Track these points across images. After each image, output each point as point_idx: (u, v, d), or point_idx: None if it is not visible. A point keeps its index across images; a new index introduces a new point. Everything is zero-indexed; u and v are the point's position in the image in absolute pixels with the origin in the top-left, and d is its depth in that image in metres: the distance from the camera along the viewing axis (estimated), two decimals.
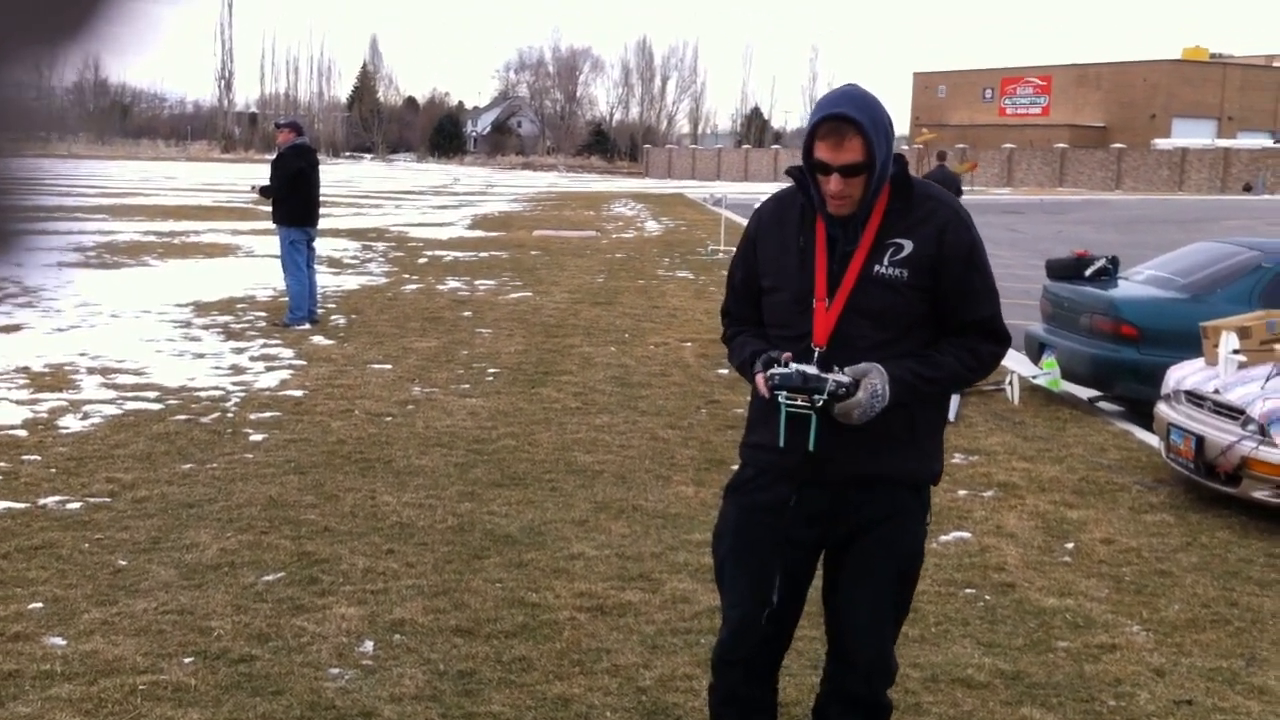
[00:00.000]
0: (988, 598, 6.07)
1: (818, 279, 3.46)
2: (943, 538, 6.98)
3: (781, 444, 3.47)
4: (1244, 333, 8.14)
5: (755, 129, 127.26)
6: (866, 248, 3.45)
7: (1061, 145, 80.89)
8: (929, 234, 3.48)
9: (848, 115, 3.28)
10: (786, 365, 3.39)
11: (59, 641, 5.11)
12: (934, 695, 4.96)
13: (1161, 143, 79.66)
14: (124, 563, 6.18)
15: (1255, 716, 4.85)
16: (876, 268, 3.45)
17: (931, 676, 5.13)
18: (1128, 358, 10.26)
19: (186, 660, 5.08)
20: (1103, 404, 11.13)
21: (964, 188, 27.97)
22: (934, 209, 3.52)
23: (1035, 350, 11.53)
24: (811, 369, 3.37)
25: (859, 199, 3.40)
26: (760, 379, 3.43)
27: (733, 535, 3.69)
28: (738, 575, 3.70)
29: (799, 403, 3.38)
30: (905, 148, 43.27)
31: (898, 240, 3.46)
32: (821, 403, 3.36)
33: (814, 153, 3.33)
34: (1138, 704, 4.94)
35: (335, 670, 5.04)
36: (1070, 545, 6.95)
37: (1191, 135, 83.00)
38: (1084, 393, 11.20)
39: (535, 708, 4.74)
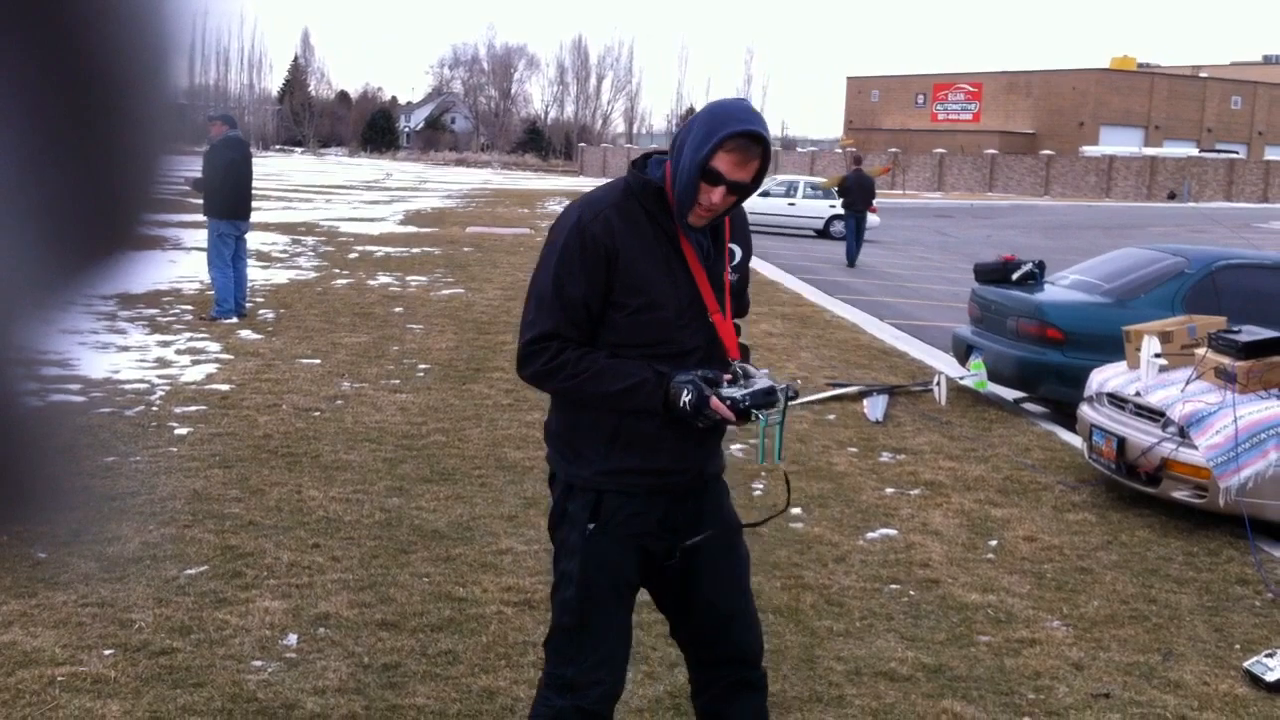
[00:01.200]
0: (912, 593, 6.13)
1: (703, 291, 3.39)
2: (869, 535, 7.04)
3: (779, 459, 3.48)
4: (1166, 337, 8.28)
5: None
6: (725, 256, 3.49)
7: (992, 151, 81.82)
8: (745, 237, 3.60)
9: (760, 134, 3.24)
10: (726, 385, 3.36)
11: None
12: (857, 688, 5.01)
13: (1089, 150, 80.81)
14: (44, 555, 6.08)
15: (1171, 709, 4.94)
16: (730, 276, 3.50)
17: (855, 669, 5.18)
18: (1053, 360, 10.41)
19: (106, 652, 5.01)
20: (1028, 405, 11.27)
21: (878, 190, 28.47)
22: (740, 213, 3.57)
23: (963, 352, 11.66)
24: (765, 382, 3.37)
25: (722, 213, 3.39)
26: (720, 405, 3.29)
27: (598, 584, 3.44)
28: (607, 628, 3.49)
29: (774, 416, 3.38)
30: (836, 150, 43.55)
31: (732, 247, 3.53)
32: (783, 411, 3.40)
33: (711, 162, 3.24)
34: (1056, 697, 5.01)
35: (258, 663, 5.00)
36: (994, 542, 7.04)
37: (1119, 143, 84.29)
38: (1010, 394, 11.35)
39: (460, 700, 4.73)
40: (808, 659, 5.27)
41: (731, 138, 3.22)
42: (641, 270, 3.33)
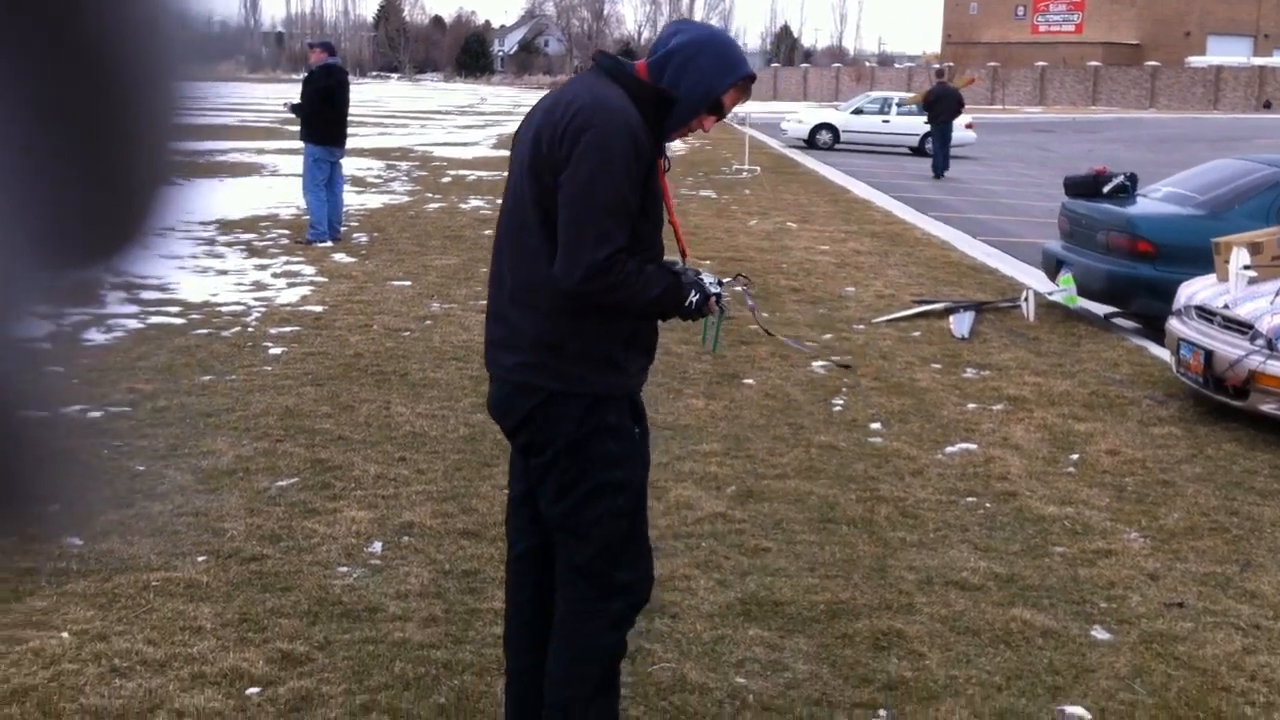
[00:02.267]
0: (988, 505, 6.15)
1: (667, 200, 3.56)
2: (948, 449, 7.05)
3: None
4: (1255, 248, 8.13)
5: (784, 48, 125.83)
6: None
7: (1095, 63, 79.76)
8: None
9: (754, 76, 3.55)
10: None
11: (75, 541, 5.25)
12: (927, 596, 5.06)
13: (1196, 60, 78.45)
14: (142, 468, 6.32)
15: (1245, 619, 4.93)
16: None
17: (926, 579, 5.23)
18: (1144, 274, 10.25)
19: (200, 559, 5.22)
20: (1119, 321, 11.13)
21: (971, 104, 28.51)
22: None
23: (1052, 267, 11.51)
24: (711, 277, 3.61)
25: None
26: (713, 304, 3.55)
27: (643, 483, 3.61)
28: (646, 524, 3.67)
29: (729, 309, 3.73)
30: (934, 66, 42.71)
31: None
32: None
33: (723, 96, 3.44)
34: (1129, 606, 5.02)
35: (344, 569, 5.18)
36: (1075, 456, 7.01)
37: (1227, 53, 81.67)
38: (1100, 309, 11.20)
39: None
40: (879, 568, 5.33)
41: (744, 80, 3.46)
42: (654, 180, 3.45)
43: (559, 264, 3.33)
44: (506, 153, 25.88)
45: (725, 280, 3.74)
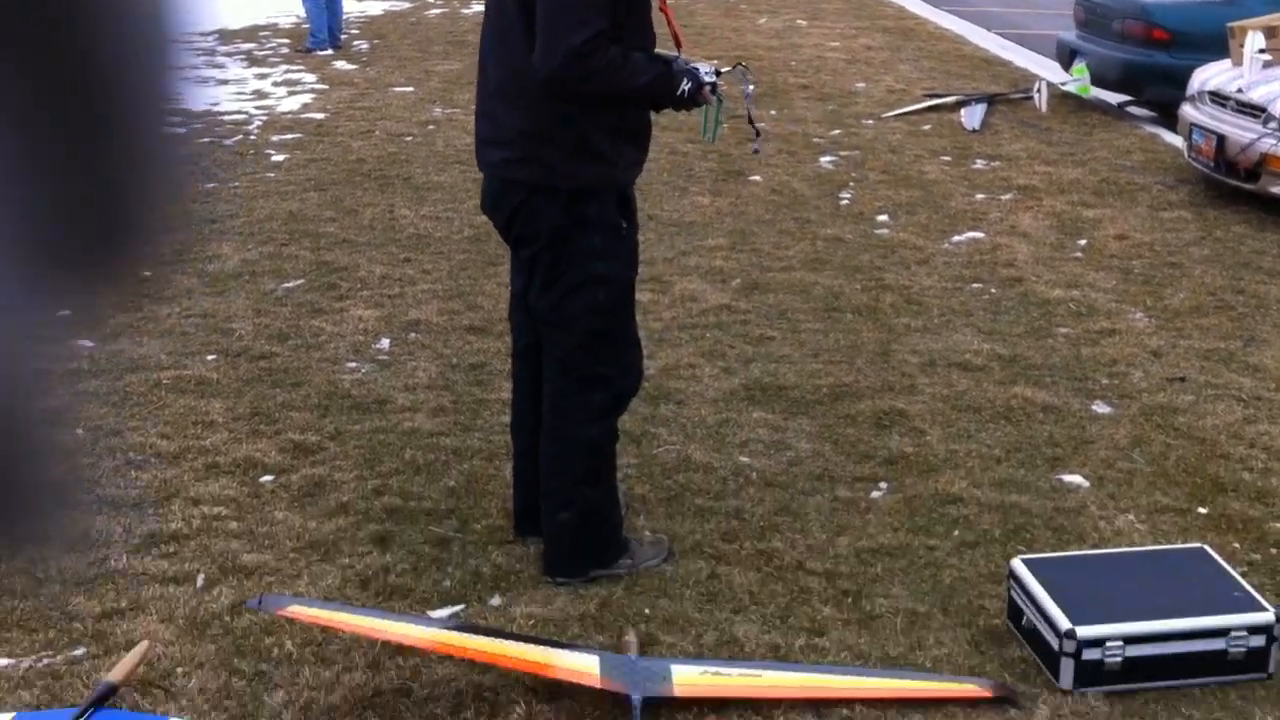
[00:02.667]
0: (993, 291, 6.15)
1: None
2: (955, 238, 7.02)
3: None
4: (1270, 32, 7.93)
5: None
6: None
7: None
8: None
9: None
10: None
11: (86, 343, 5.30)
12: (929, 377, 5.10)
13: None
14: (148, 273, 6.32)
15: (1246, 391, 4.97)
16: None
17: (929, 361, 5.26)
18: (1159, 62, 10.03)
19: (209, 358, 5.28)
20: (1132, 109, 10.95)
21: None
22: None
23: (1066, 57, 11.27)
24: (708, 65, 3.55)
25: None
26: (708, 93, 3.49)
27: (629, 280, 3.65)
28: (632, 316, 3.71)
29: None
30: None
31: None
32: None
33: None
34: (1131, 382, 5.06)
35: (352, 364, 5.23)
36: (1083, 242, 6.98)
37: None
38: (1114, 98, 11.01)
39: None
40: (883, 353, 5.36)
41: None
42: None
43: (538, 53, 3.29)
44: None
45: (724, 70, 3.67)
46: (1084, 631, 3.10)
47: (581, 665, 3.11)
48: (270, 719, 3.07)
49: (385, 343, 5.46)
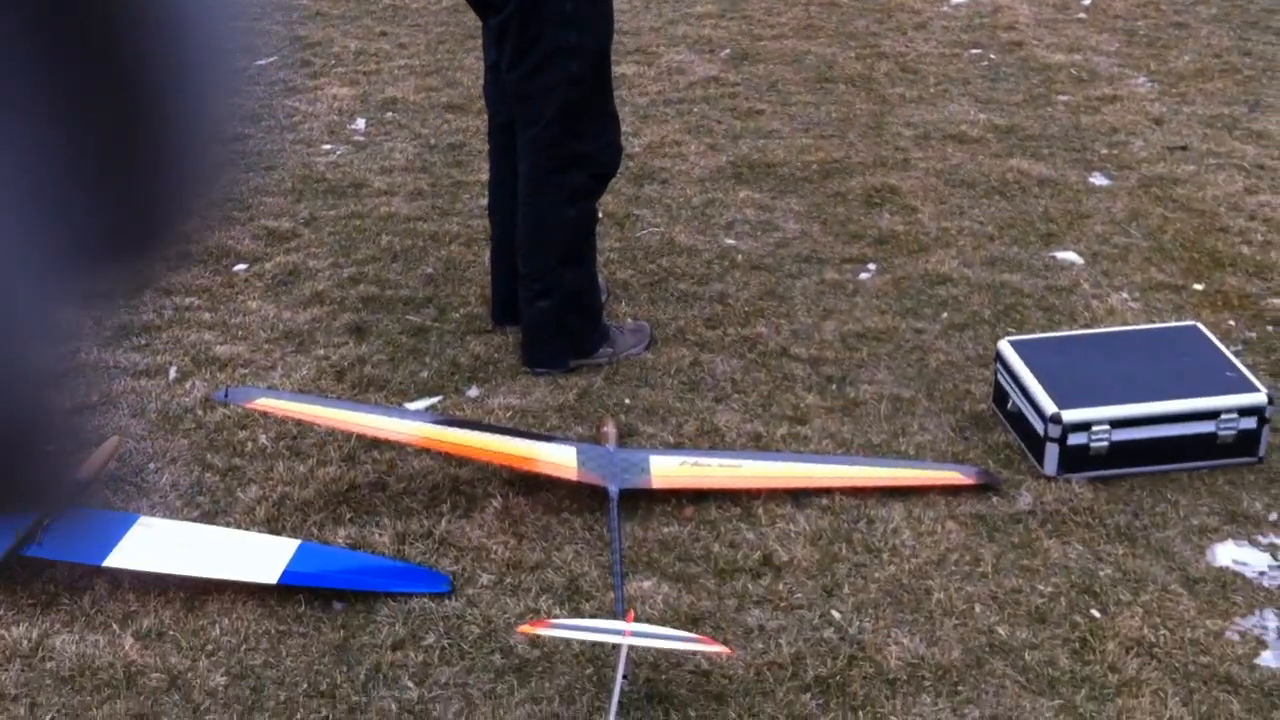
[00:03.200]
0: (992, 57, 5.91)
1: None
2: (954, 1, 6.73)
3: None
4: None
5: None
6: None
7: None
8: None
9: None
10: None
11: None
12: (923, 150, 4.94)
13: None
14: None
15: (1249, 159, 4.81)
16: None
17: (924, 134, 5.09)
18: None
19: None
20: None
21: None
22: None
23: None
24: None
25: None
26: None
27: (606, 48, 3.49)
28: (610, 87, 3.58)
29: None
30: None
31: None
32: None
33: None
34: (1130, 151, 4.89)
35: (327, 146, 5.07)
36: (1087, 2, 6.68)
37: None
38: None
39: None
40: (876, 126, 5.18)
41: None
42: None
43: None
44: None
45: None
46: (1070, 415, 3.03)
47: (559, 458, 3.05)
48: (244, 514, 3.04)
49: (361, 123, 5.28)
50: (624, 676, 2.35)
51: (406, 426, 3.21)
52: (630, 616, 2.54)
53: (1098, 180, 4.68)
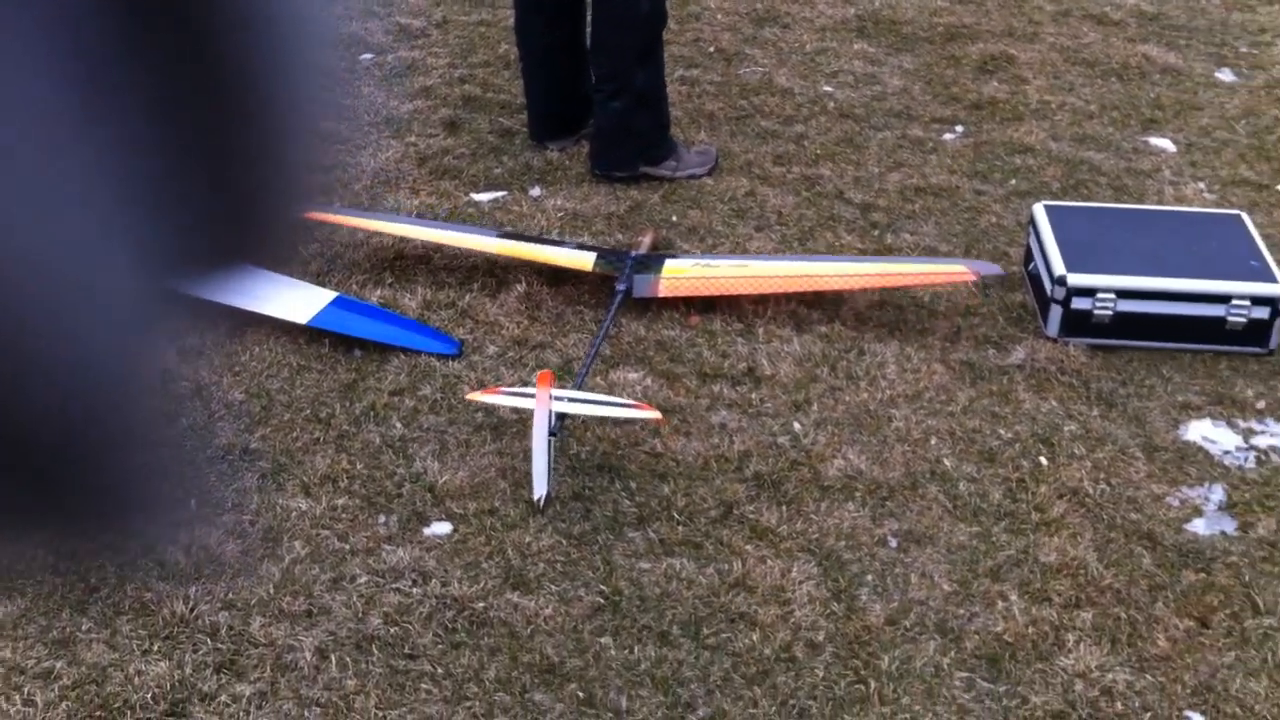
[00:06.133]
0: None
1: None
2: None
3: None
4: None
5: None
6: None
7: None
8: None
9: None
10: None
11: None
12: (1057, 26, 4.88)
13: None
14: None
15: None
16: None
17: (1065, 10, 5.02)
18: None
19: None
20: None
21: None
22: None
23: None
24: None
25: None
26: None
27: None
28: None
29: None
30: None
31: None
32: None
33: None
34: (1270, 54, 4.75)
35: None
36: None
37: None
38: None
39: None
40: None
41: None
42: None
43: None
44: None
45: None
46: (1075, 279, 3.09)
47: (578, 259, 3.27)
48: (299, 266, 3.34)
49: None
50: (551, 434, 2.58)
51: (450, 235, 3.42)
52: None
53: (1224, 76, 4.57)
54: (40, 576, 2.45)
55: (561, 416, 2.65)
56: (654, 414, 2.75)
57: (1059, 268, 3.12)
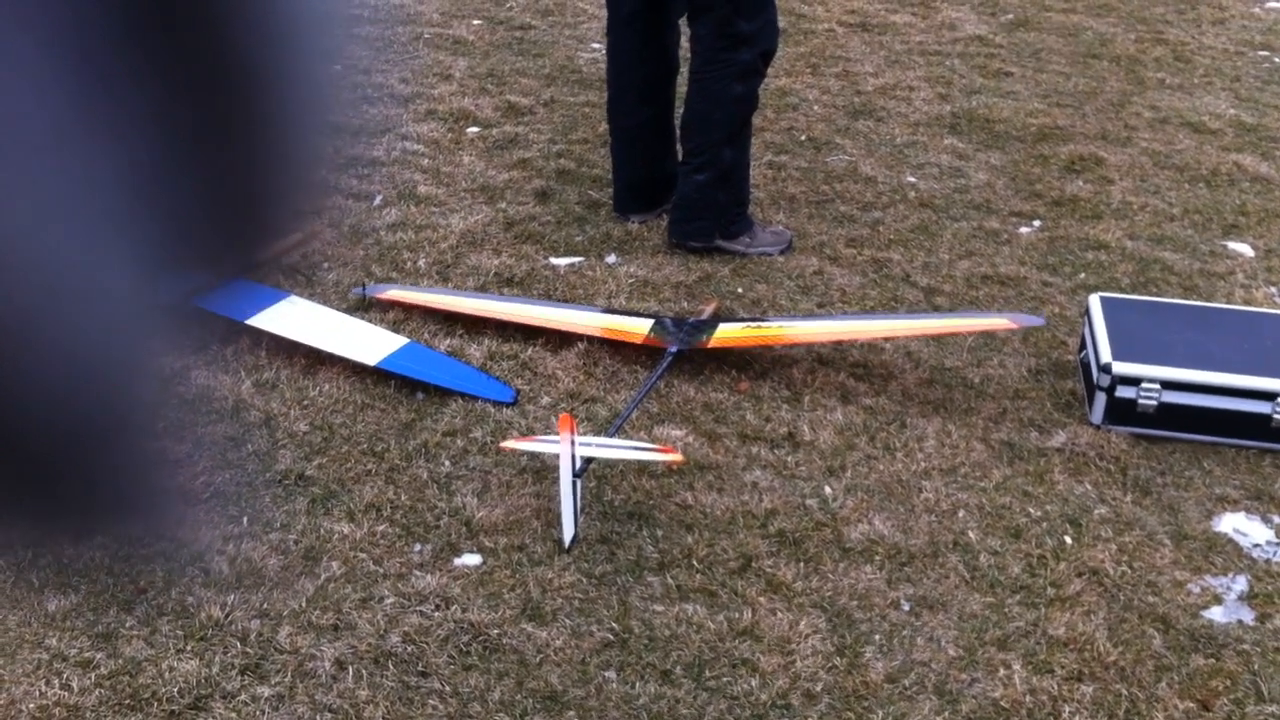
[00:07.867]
0: (1277, 60, 5.75)
1: None
2: (1271, 3, 6.52)
3: None
4: None
5: None
6: None
7: None
8: None
9: None
10: None
11: None
12: (1152, 133, 4.96)
13: None
14: None
15: None
16: None
17: (1162, 118, 5.10)
18: None
19: (475, 22, 5.71)
20: None
21: None
22: None
23: None
24: None
25: None
26: None
27: None
28: None
29: None
30: None
31: None
32: None
33: None
34: None
35: (596, 45, 5.53)
36: None
37: None
38: None
39: None
40: (1118, 104, 5.21)
41: None
42: None
43: None
44: None
45: None
46: (1120, 368, 3.13)
47: (633, 326, 3.42)
48: (378, 313, 3.55)
49: None
50: (576, 475, 2.70)
51: (512, 309, 3.56)
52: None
53: None
54: (95, 576, 2.65)
55: (588, 460, 2.78)
56: (674, 456, 2.86)
57: (1105, 355, 3.16)
